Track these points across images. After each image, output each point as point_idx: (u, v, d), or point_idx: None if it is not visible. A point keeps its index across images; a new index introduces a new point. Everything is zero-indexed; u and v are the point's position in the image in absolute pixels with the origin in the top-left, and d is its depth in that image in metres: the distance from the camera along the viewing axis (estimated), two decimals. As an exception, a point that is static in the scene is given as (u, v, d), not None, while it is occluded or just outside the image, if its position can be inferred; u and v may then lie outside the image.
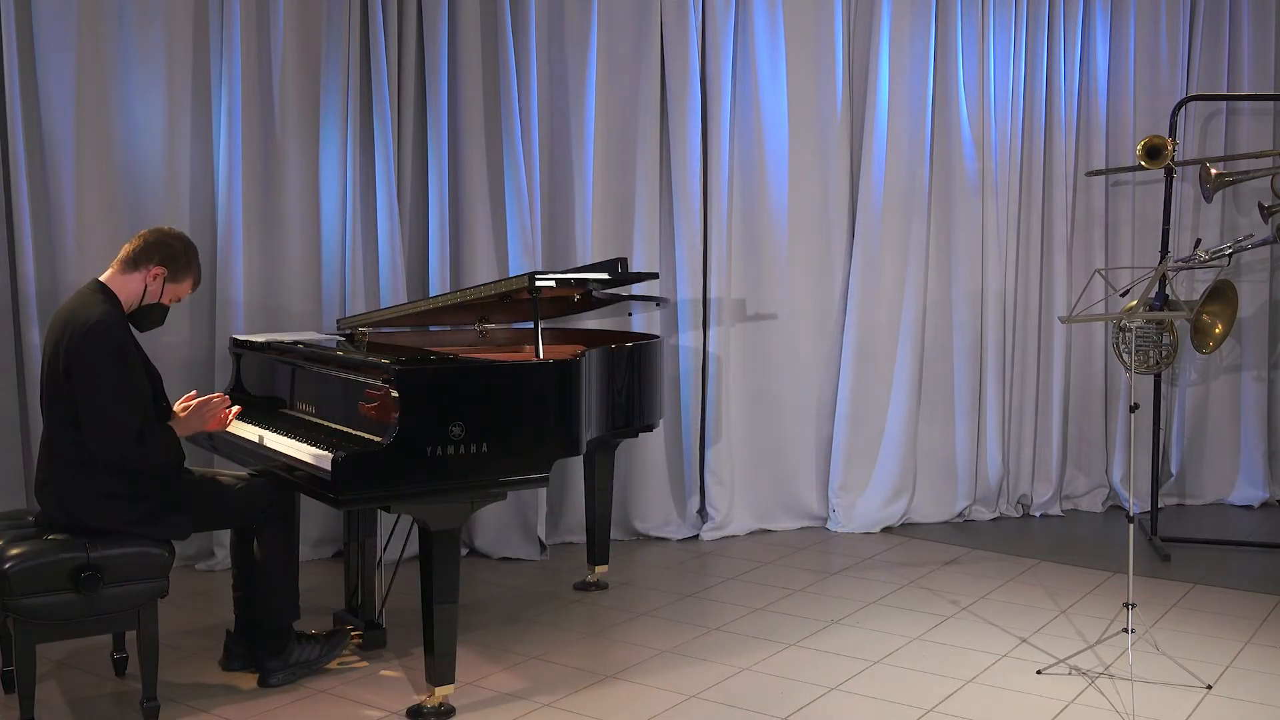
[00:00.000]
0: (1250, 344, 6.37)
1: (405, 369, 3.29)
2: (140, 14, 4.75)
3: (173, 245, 3.42)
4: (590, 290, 4.25)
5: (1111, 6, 6.15)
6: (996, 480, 6.06)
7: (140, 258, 3.39)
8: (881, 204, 5.74)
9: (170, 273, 3.41)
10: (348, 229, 5.00)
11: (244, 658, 3.76)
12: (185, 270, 3.45)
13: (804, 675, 3.81)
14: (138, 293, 3.40)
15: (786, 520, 5.82)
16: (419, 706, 3.45)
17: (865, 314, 5.76)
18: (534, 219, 5.22)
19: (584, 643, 4.12)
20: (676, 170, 5.45)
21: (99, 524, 3.25)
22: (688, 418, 5.57)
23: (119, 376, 3.25)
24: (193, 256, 3.48)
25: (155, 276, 3.40)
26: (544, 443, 3.50)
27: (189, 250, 3.47)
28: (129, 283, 3.40)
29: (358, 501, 3.29)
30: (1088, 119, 6.13)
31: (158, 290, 3.42)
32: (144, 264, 3.39)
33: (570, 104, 5.33)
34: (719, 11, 5.47)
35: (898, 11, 5.73)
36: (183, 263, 3.44)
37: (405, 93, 5.08)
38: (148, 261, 3.39)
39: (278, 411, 4.01)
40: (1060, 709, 3.49)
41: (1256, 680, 3.77)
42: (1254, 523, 6.08)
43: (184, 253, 3.44)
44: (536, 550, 5.22)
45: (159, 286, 3.42)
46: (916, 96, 5.80)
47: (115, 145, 4.76)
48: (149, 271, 3.39)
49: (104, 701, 3.56)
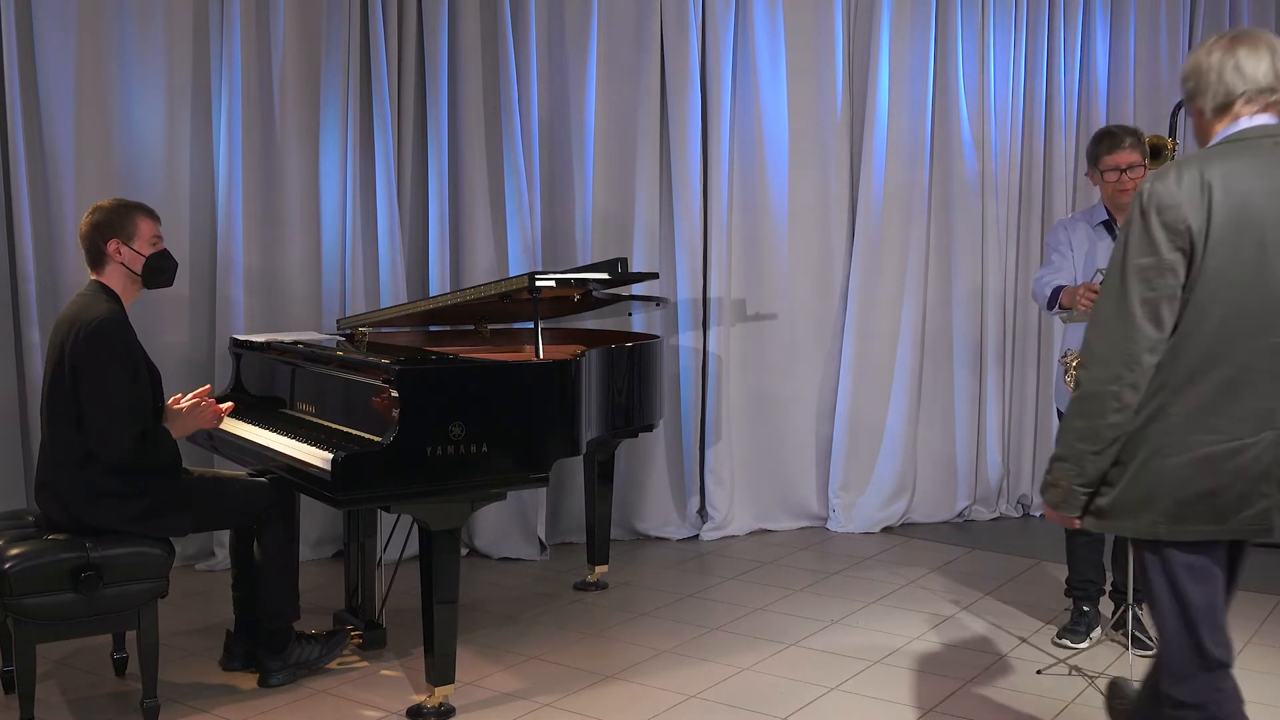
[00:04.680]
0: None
1: (405, 369, 3.29)
2: (140, 14, 4.75)
3: (100, 219, 3.39)
4: (590, 290, 4.25)
5: (1111, 6, 6.15)
6: (996, 480, 6.06)
7: (94, 252, 3.40)
8: (881, 204, 5.74)
9: (121, 235, 3.39)
10: (348, 229, 5.00)
11: (244, 658, 3.76)
12: (127, 220, 3.41)
13: (804, 675, 3.81)
14: (123, 274, 3.41)
15: (786, 520, 5.82)
16: (419, 706, 3.45)
17: (865, 314, 5.76)
18: (534, 219, 5.22)
19: (584, 643, 4.12)
20: (676, 170, 5.45)
21: (99, 522, 3.25)
22: (688, 418, 5.57)
23: (124, 374, 3.26)
24: (123, 208, 3.43)
25: (117, 250, 3.39)
26: (544, 443, 3.50)
27: (115, 207, 3.42)
28: (111, 274, 3.40)
29: (358, 501, 3.29)
30: (1088, 119, 6.13)
31: (131, 255, 3.41)
32: (101, 253, 3.39)
33: (570, 104, 5.33)
34: (719, 11, 5.47)
35: (898, 11, 5.73)
36: (119, 218, 3.40)
37: (405, 93, 5.08)
38: (99, 248, 3.39)
39: (278, 411, 4.01)
40: (1060, 709, 3.49)
41: (1256, 680, 3.77)
42: (1254, 523, 6.07)
43: (112, 212, 3.41)
44: (536, 550, 5.22)
45: (129, 253, 3.40)
46: (916, 96, 5.79)
47: (115, 145, 4.76)
48: (110, 252, 3.38)
49: (104, 701, 3.56)
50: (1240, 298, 2.22)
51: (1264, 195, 2.23)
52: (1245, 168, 2.24)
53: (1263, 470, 2.26)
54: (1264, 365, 2.24)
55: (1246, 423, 2.25)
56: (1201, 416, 2.26)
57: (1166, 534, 2.31)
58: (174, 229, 4.85)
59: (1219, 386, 2.24)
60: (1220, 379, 2.24)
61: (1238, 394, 2.24)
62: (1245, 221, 2.21)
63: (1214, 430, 2.25)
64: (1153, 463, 2.28)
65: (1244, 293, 2.22)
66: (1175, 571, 2.35)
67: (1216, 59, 2.31)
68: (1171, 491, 2.28)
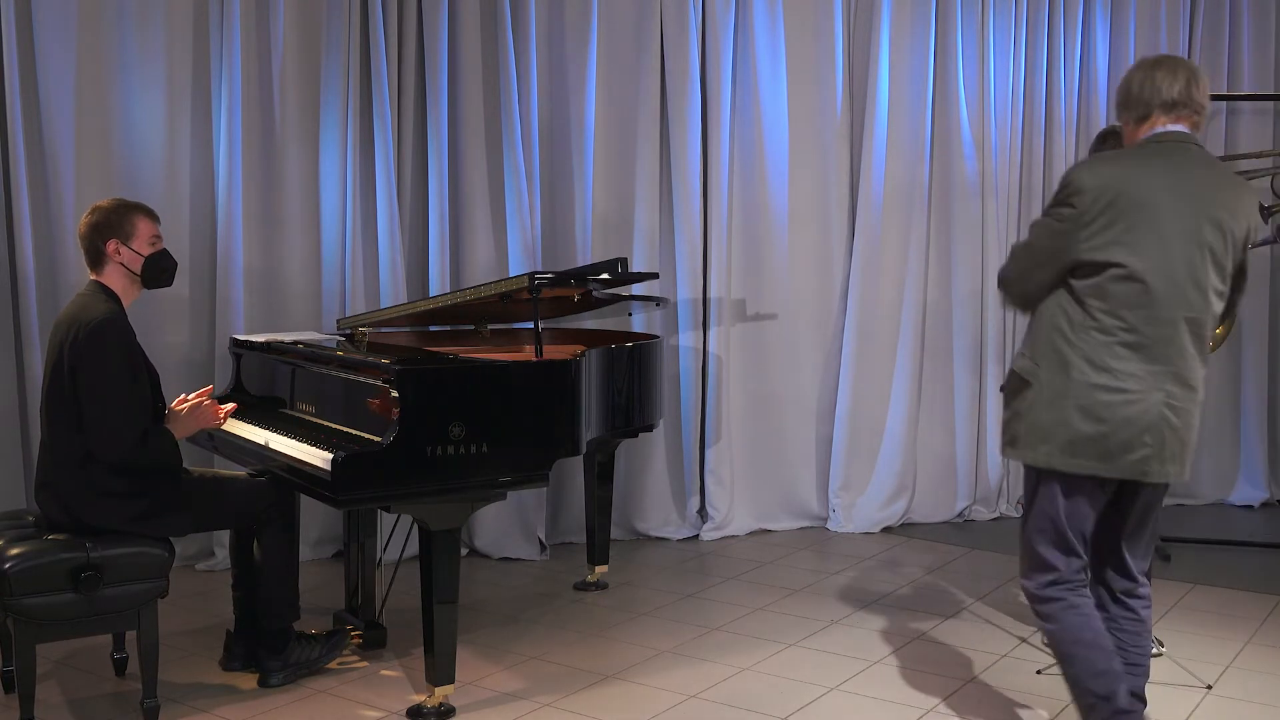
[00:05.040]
0: (1250, 344, 6.37)
1: (405, 369, 3.29)
2: (140, 14, 4.75)
3: (98, 220, 3.38)
4: (590, 290, 4.25)
5: (1111, 6, 6.15)
6: (996, 480, 6.06)
7: (94, 252, 3.39)
8: (881, 204, 5.74)
9: (120, 235, 3.38)
10: (348, 229, 5.00)
11: (244, 658, 3.76)
12: (126, 220, 3.40)
13: (804, 675, 3.81)
14: (122, 274, 3.41)
15: (786, 520, 5.82)
16: (419, 706, 3.45)
17: (865, 314, 5.76)
18: (534, 219, 5.22)
19: (584, 643, 4.12)
20: (676, 170, 5.45)
21: (99, 522, 3.25)
22: (688, 418, 5.57)
23: (124, 374, 3.26)
24: (122, 208, 3.42)
25: (116, 250, 3.38)
26: (544, 443, 3.50)
27: (115, 207, 3.42)
28: (111, 274, 3.40)
29: (358, 501, 3.29)
30: (1088, 119, 6.13)
31: (131, 255, 3.40)
32: (100, 253, 3.39)
33: (570, 104, 5.33)
34: (719, 11, 5.47)
35: (898, 11, 5.73)
36: (118, 219, 3.39)
37: (405, 93, 5.08)
38: (98, 248, 3.38)
39: (278, 411, 4.01)
40: (1060, 709, 3.49)
41: (1256, 680, 3.77)
42: (1254, 523, 6.08)
43: (111, 212, 3.40)
44: (536, 550, 5.22)
45: (129, 253, 3.40)
46: (916, 96, 5.79)
47: (115, 145, 4.76)
48: (109, 252, 3.38)
49: (104, 701, 3.56)
50: (1143, 274, 2.68)
51: (1166, 190, 2.70)
52: (1156, 166, 2.74)
53: (1148, 423, 2.71)
54: (1161, 335, 2.71)
55: (1140, 380, 2.70)
56: (1101, 372, 2.71)
57: (1060, 465, 2.77)
58: (174, 229, 4.85)
59: (1121, 347, 2.71)
60: (1123, 341, 2.71)
61: (1137, 356, 2.71)
62: (1149, 210, 2.68)
63: (1115, 385, 2.70)
64: (1056, 404, 2.75)
65: (1147, 271, 2.68)
66: (1057, 498, 2.83)
67: (1139, 77, 2.82)
68: (1066, 431, 2.74)
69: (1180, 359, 2.73)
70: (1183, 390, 2.74)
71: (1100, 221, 2.69)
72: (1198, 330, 2.74)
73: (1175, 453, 2.75)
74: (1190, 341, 2.73)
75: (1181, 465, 2.78)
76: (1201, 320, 2.74)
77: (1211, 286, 2.75)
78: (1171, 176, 2.72)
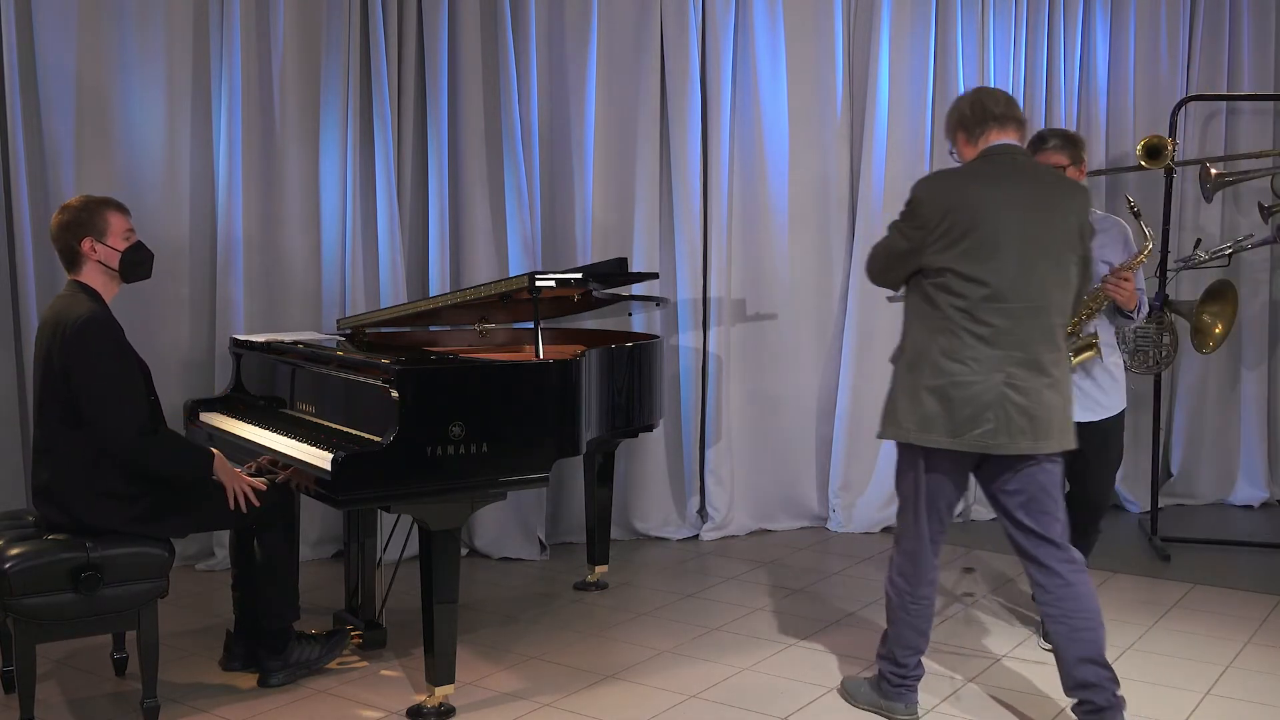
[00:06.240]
0: (1250, 344, 6.37)
1: (405, 369, 3.29)
2: (140, 14, 4.75)
3: (69, 219, 3.35)
4: (590, 290, 4.25)
5: (1111, 6, 6.15)
6: (996, 480, 6.04)
7: (69, 252, 3.37)
8: (882, 204, 5.73)
9: (93, 233, 3.35)
10: (348, 229, 5.00)
11: (244, 658, 3.76)
12: (98, 217, 3.37)
13: (804, 675, 3.81)
14: (100, 271, 3.39)
15: (786, 520, 5.82)
16: (419, 706, 3.45)
17: (865, 314, 5.75)
18: (534, 219, 5.22)
19: (584, 643, 4.12)
20: (676, 170, 5.45)
21: (99, 523, 3.25)
22: (688, 418, 5.57)
23: (118, 368, 3.26)
24: (91, 205, 3.39)
25: (91, 247, 3.36)
26: (544, 443, 3.50)
27: (84, 205, 3.39)
28: (89, 273, 3.38)
29: (358, 501, 3.29)
30: (1088, 119, 6.13)
31: (106, 251, 3.38)
32: (75, 253, 3.36)
33: (570, 104, 5.33)
34: (719, 11, 5.47)
35: (898, 11, 5.73)
36: (89, 216, 3.36)
37: (405, 93, 5.08)
38: (73, 248, 3.35)
39: (278, 411, 4.01)
40: (1060, 709, 3.49)
41: (1256, 680, 3.77)
42: (1254, 523, 6.08)
43: (81, 210, 3.37)
44: (536, 550, 5.22)
45: (104, 249, 3.37)
46: (916, 96, 5.79)
47: (115, 145, 4.76)
48: (85, 250, 3.35)
49: (104, 701, 3.57)
50: (984, 273, 3.02)
51: (1001, 197, 3.06)
52: (990, 176, 3.12)
53: (989, 401, 3.04)
54: (1004, 325, 3.04)
55: (983, 364, 3.04)
56: (952, 359, 3.07)
57: (915, 439, 3.15)
58: (174, 229, 4.87)
59: (968, 335, 3.05)
60: (970, 331, 3.05)
61: (982, 344, 3.04)
62: (986, 217, 3.03)
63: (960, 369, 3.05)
64: (913, 385, 3.15)
65: (987, 272, 3.02)
66: (919, 469, 3.22)
67: (968, 99, 3.27)
68: (921, 410, 3.12)
69: (1025, 346, 3.04)
70: (1027, 372, 3.04)
71: (941, 229, 3.05)
72: (1041, 319, 3.06)
73: (1023, 427, 3.04)
74: (1034, 329, 3.05)
75: (1035, 439, 3.05)
76: (1042, 308, 3.06)
77: (1050, 279, 3.07)
78: (1005, 184, 3.09)
